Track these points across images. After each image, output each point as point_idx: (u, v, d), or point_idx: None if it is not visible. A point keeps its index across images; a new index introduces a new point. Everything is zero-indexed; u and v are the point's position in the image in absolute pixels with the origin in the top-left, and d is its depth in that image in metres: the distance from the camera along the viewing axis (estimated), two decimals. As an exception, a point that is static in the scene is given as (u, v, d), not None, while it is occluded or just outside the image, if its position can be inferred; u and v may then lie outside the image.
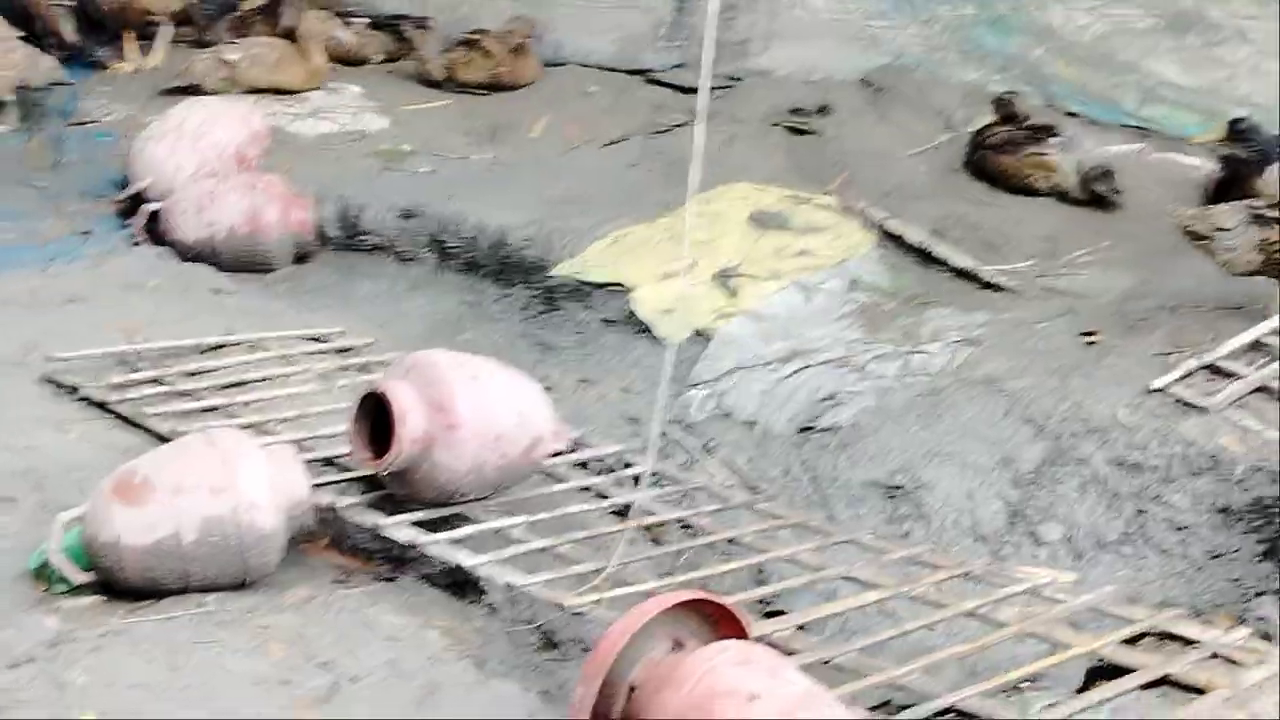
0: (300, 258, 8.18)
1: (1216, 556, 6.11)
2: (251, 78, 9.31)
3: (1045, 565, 5.98)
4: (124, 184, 8.33)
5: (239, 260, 7.96)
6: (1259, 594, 5.93)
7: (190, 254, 7.94)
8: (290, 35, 9.61)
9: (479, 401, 5.62)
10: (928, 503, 6.38)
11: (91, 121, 9.21)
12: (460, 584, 5.58)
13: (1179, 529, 6.18)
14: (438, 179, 8.67)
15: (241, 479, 5.34)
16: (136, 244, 8.02)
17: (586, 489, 5.99)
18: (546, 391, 5.92)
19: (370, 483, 5.84)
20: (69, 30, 9.73)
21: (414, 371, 5.65)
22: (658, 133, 9.09)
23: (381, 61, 9.96)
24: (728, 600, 4.60)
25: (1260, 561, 6.02)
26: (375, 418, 5.70)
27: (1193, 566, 6.10)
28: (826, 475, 6.57)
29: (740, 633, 4.65)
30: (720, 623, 4.65)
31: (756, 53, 9.45)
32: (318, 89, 9.54)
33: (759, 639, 4.71)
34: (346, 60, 9.85)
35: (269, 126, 8.58)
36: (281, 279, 8.05)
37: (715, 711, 4.29)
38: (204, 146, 8.24)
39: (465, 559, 5.39)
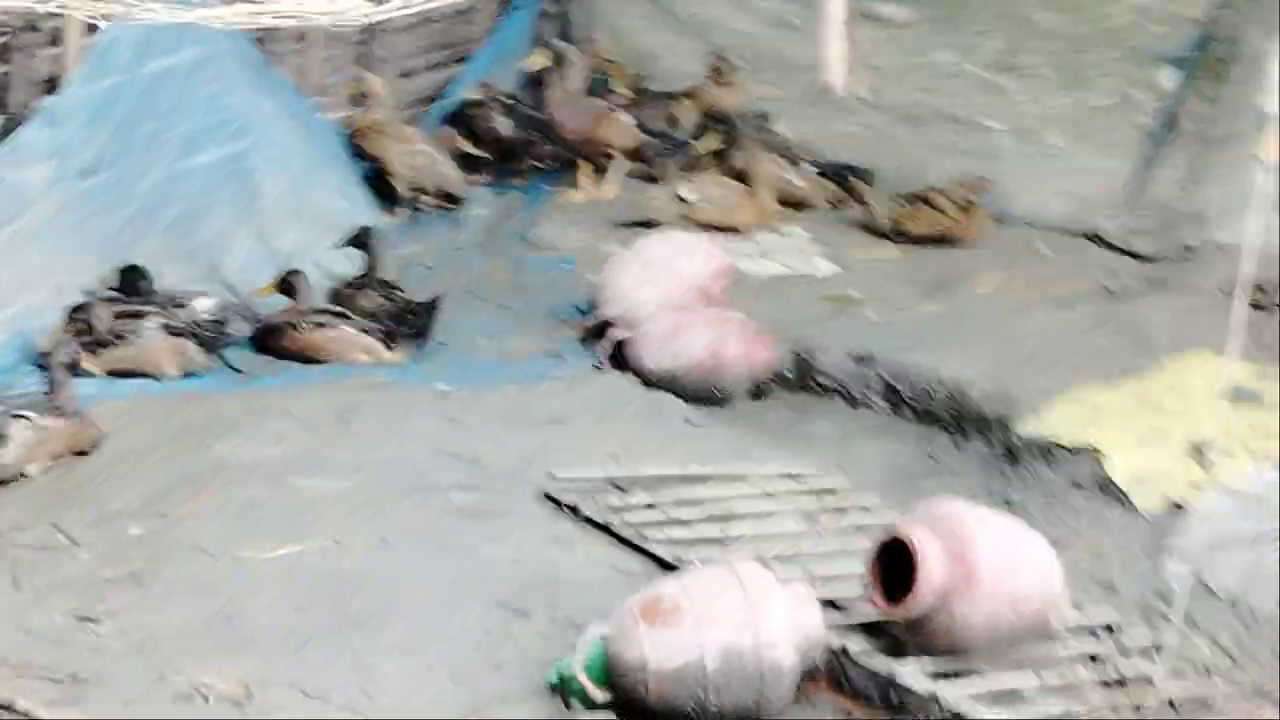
0: (756, 394, 8.30)
1: None
2: (706, 216, 9.51)
3: None
4: (589, 309, 8.56)
5: (699, 392, 8.10)
6: None
7: (653, 382, 8.11)
8: (741, 177, 9.81)
9: (1000, 558, 5.62)
10: None
11: (547, 250, 9.49)
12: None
13: None
14: (887, 327, 8.72)
15: (764, 614, 5.44)
16: (599, 368, 8.23)
17: (1093, 657, 5.92)
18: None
19: (870, 629, 5.87)
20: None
21: (937, 520, 5.67)
22: (1113, 297, 9.02)
23: (828, 208, 10.09)
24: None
25: None
26: (888, 564, 5.73)
27: None
28: (1321, 662, 6.39)
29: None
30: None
31: (1217, 225, 9.34)
32: (767, 230, 9.71)
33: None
34: (794, 204, 10.01)
35: (731, 263, 8.76)
36: (740, 414, 8.15)
37: None
38: (669, 279, 8.44)
39: (989, 714, 5.37)
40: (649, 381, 8.11)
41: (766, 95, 10.74)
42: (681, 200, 9.57)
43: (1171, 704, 5.76)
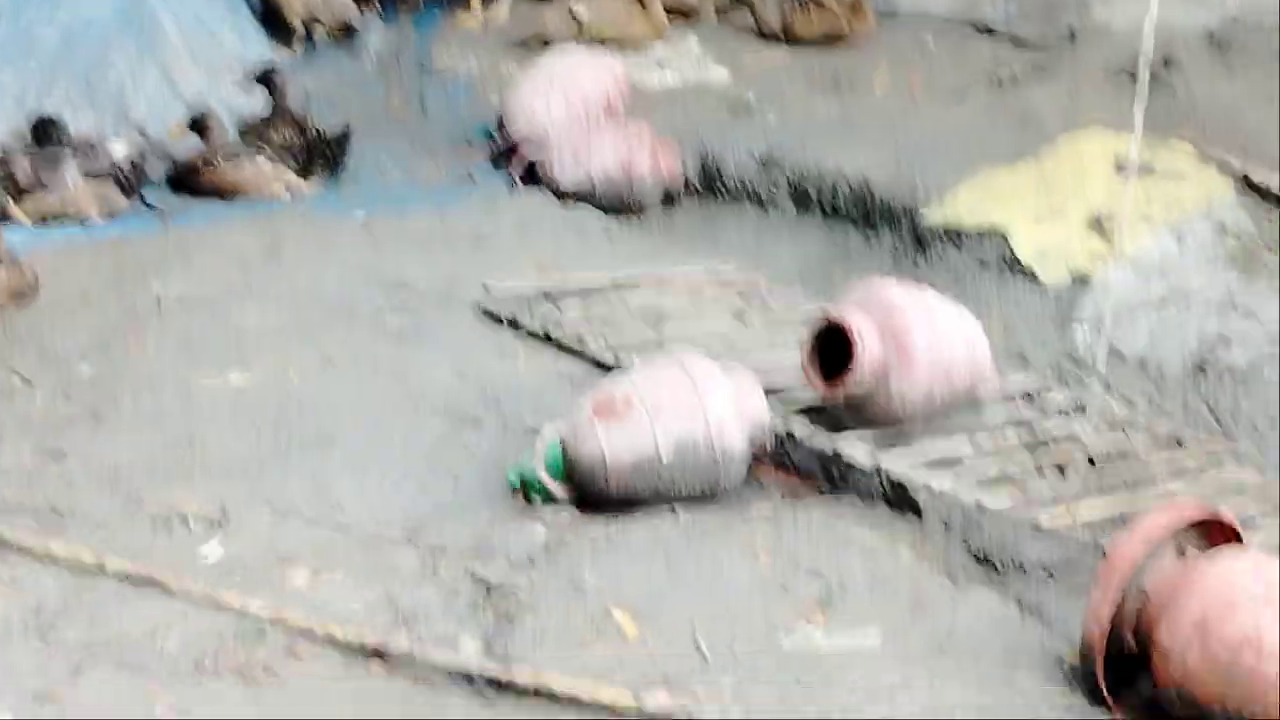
0: (667, 202, 8.49)
1: None
2: (599, 31, 9.63)
3: None
4: (497, 130, 8.68)
5: (613, 204, 8.29)
6: None
7: (567, 196, 8.27)
8: (631, -11, 9.94)
9: (933, 332, 5.88)
10: (1336, 437, 6.56)
11: (445, 73, 9.57)
12: (905, 500, 5.87)
13: None
14: (787, 129, 8.92)
15: (712, 402, 5.65)
16: (514, 188, 8.37)
17: (1019, 421, 6.23)
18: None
19: (810, 411, 6.13)
20: None
21: (870, 301, 5.91)
22: (1002, 84, 9.28)
23: (717, 14, 10.23)
24: (1228, 514, 4.83)
25: None
26: (825, 348, 5.98)
27: None
28: (1228, 411, 6.75)
29: (1238, 543, 4.87)
30: (1213, 534, 4.87)
31: (1095, 6, 9.62)
32: (659, 41, 9.85)
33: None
34: (685, 15, 10.14)
35: (630, 76, 8.91)
36: (653, 222, 8.36)
37: (1238, 618, 4.51)
38: (574, 95, 8.58)
39: (930, 479, 5.66)
40: (563, 196, 8.28)
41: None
42: (574, 18, 9.67)
43: (1091, 460, 6.09)
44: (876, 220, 8.21)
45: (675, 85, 9.54)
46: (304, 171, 8.21)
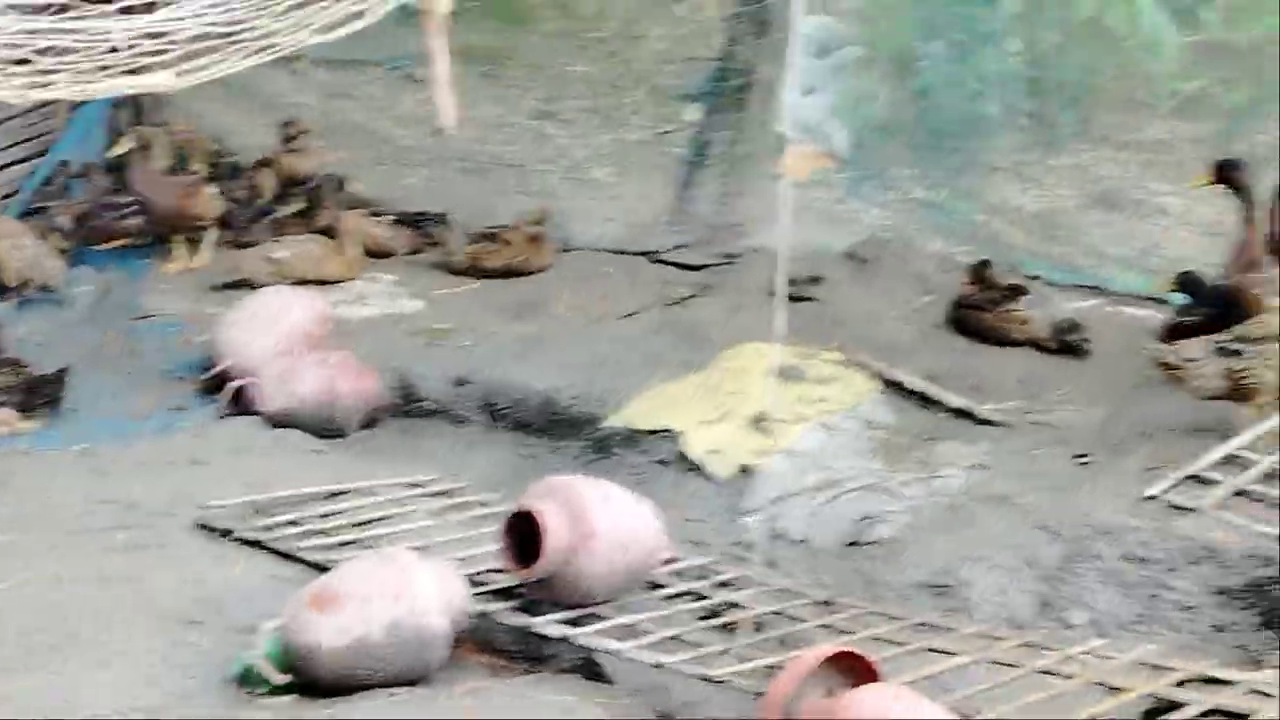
0: (369, 423, 9.19)
1: (1220, 630, 7.21)
2: (298, 271, 10.33)
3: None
4: (207, 365, 9.31)
5: (319, 426, 8.94)
6: (1258, 661, 7.02)
7: (276, 422, 8.90)
8: (327, 232, 10.69)
9: (612, 517, 6.66)
10: (969, 597, 7.44)
11: (153, 316, 10.17)
12: (596, 670, 6.61)
13: (1186, 609, 7.28)
14: (478, 351, 9.72)
15: (416, 589, 6.32)
16: (223, 416, 8.98)
17: (691, 593, 7.03)
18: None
19: (508, 596, 6.82)
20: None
21: (555, 492, 6.67)
22: (671, 304, 10.25)
23: (409, 254, 11.05)
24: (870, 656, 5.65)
25: (1259, 631, 7.14)
26: (518, 537, 6.70)
27: (1201, 639, 7.19)
28: (879, 580, 7.63)
29: (876, 682, 5.68)
30: (858, 675, 5.68)
31: (752, 233, 10.68)
32: (355, 279, 10.61)
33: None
34: (378, 253, 10.93)
35: (329, 310, 9.62)
36: (358, 441, 9.03)
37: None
38: (278, 329, 9.25)
39: (615, 645, 6.39)
40: (272, 421, 8.91)
41: (338, 159, 11.61)
42: (272, 260, 10.39)
43: (758, 625, 6.89)
44: (564, 429, 9.03)
45: (374, 316, 10.29)
46: (23, 410, 8.73)
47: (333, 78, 13.04)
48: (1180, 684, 6.09)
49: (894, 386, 9.15)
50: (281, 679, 6.26)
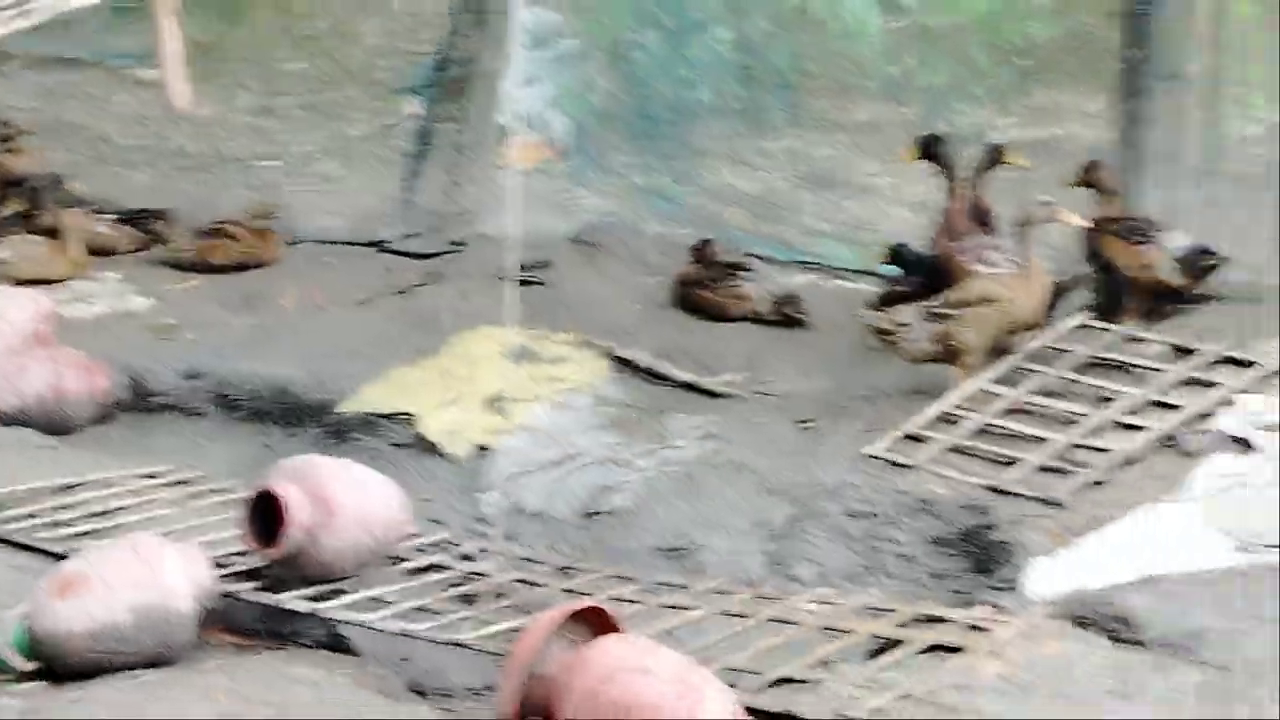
0: (100, 419, 9.15)
1: (937, 576, 7.61)
2: (20, 271, 10.24)
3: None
4: (-70, 369, 9.18)
5: (50, 423, 8.88)
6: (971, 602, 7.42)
7: (6, 420, 8.82)
8: (49, 232, 10.60)
9: (353, 494, 6.79)
10: (704, 559, 7.74)
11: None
12: (343, 644, 6.75)
13: (906, 558, 7.66)
14: (209, 345, 9.75)
15: (162, 572, 6.36)
16: (-50, 417, 8.89)
17: (434, 566, 7.19)
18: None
19: (254, 577, 6.90)
20: None
21: (297, 472, 6.78)
22: (401, 292, 10.39)
23: (133, 252, 11.01)
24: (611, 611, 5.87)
25: (972, 575, 7.54)
26: (261, 517, 6.78)
27: (920, 585, 7.57)
28: (617, 547, 7.88)
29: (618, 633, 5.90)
30: (600, 628, 5.89)
31: (478, 222, 10.86)
32: (78, 278, 10.54)
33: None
34: (102, 252, 10.86)
35: (54, 308, 9.55)
36: (90, 438, 8.99)
37: (619, 683, 5.52)
38: (4, 328, 9.16)
39: (361, 617, 6.53)
40: (3, 421, 8.82)
41: (58, 159, 11.50)
42: (-7, 260, 10.30)
43: (500, 592, 7.08)
44: (300, 417, 9.12)
45: (102, 314, 10.24)
46: None
47: (48, 78, 12.94)
48: (902, 625, 6.41)
49: (624, 364, 9.42)
50: (28, 666, 6.26)
